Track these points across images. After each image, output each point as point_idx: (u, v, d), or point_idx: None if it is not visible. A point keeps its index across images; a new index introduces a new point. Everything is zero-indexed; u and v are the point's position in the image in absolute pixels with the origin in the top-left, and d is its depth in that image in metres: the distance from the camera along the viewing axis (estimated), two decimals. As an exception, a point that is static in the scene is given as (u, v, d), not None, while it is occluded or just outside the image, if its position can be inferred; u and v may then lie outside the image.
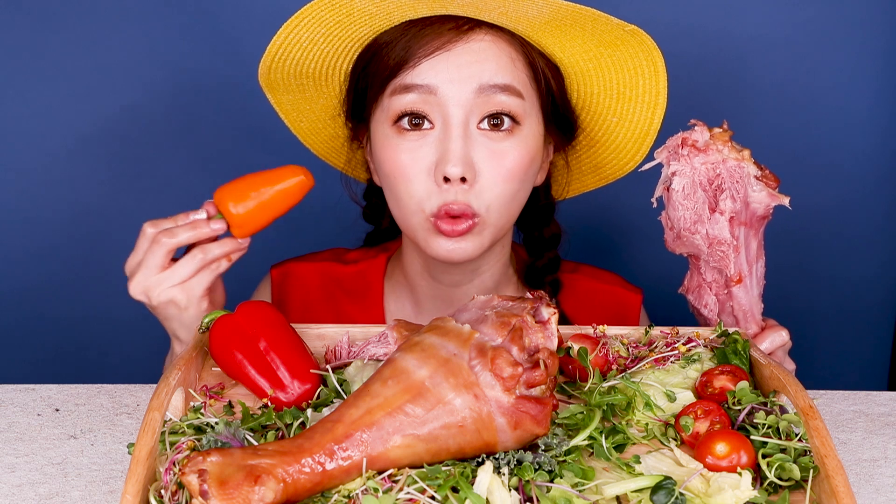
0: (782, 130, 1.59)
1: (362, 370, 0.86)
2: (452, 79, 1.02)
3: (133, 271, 1.03)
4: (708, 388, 0.85)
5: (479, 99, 1.03)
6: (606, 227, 1.63)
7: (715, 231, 1.00)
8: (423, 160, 1.04)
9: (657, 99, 1.09)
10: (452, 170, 1.01)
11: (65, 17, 1.54)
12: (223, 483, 0.65)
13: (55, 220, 1.61)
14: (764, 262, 1.05)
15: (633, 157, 1.16)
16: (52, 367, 1.67)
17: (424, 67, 1.03)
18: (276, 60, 1.08)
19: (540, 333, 0.76)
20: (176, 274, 1.02)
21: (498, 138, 1.04)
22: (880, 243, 1.66)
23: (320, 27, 1.04)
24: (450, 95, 1.02)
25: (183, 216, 1.03)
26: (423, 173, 1.04)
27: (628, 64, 1.07)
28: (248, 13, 1.54)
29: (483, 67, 1.03)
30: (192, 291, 1.02)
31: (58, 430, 0.93)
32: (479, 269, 1.16)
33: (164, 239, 1.01)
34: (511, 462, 0.72)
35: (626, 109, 1.11)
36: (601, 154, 1.18)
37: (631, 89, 1.09)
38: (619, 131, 1.14)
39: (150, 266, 1.01)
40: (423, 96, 1.03)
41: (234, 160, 1.60)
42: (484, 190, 1.04)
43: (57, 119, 1.57)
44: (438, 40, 1.03)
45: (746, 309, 1.04)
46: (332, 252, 1.29)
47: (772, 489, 0.74)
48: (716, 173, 0.99)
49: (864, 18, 1.54)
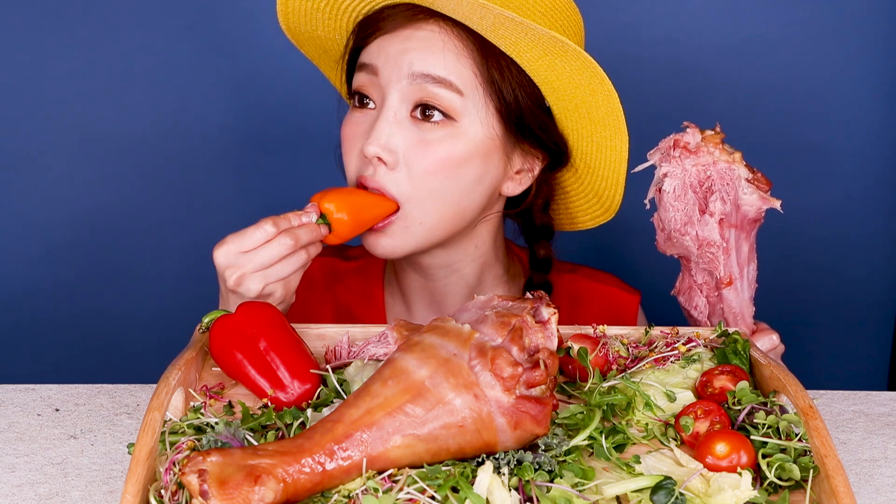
0: (781, 131, 1.59)
1: (362, 370, 0.86)
2: (391, 61, 1.05)
3: (235, 259, 0.99)
4: (708, 388, 0.85)
5: (413, 87, 1.04)
6: (604, 229, 1.64)
7: (704, 233, 1.00)
8: (359, 136, 1.07)
9: (617, 122, 1.06)
10: (369, 148, 1.05)
11: (70, 17, 1.54)
12: (223, 483, 0.65)
13: (56, 221, 1.62)
14: (756, 266, 1.05)
15: (612, 187, 1.13)
16: (52, 367, 1.67)
17: (373, 47, 1.07)
18: (290, 30, 1.14)
19: (540, 333, 0.76)
20: (281, 270, 1.00)
21: (427, 128, 1.05)
22: (880, 243, 1.66)
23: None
24: (387, 77, 1.05)
25: (295, 216, 1.02)
26: (356, 148, 1.08)
27: (580, 80, 1.04)
28: (252, 14, 1.55)
29: (421, 55, 1.04)
30: (289, 286, 1.02)
31: (58, 430, 0.93)
32: (452, 266, 1.17)
33: (287, 240, 0.99)
34: (511, 462, 0.72)
35: (597, 130, 1.08)
36: (588, 181, 1.16)
37: (595, 109, 1.06)
38: (597, 154, 1.11)
39: (265, 258, 0.99)
40: (369, 75, 1.07)
41: (241, 159, 1.60)
42: (405, 178, 1.05)
43: (62, 120, 1.57)
44: (390, 23, 1.06)
45: (737, 311, 1.05)
46: (335, 248, 1.30)
47: (772, 489, 0.74)
48: (706, 175, 0.99)
49: (864, 18, 1.54)
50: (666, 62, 1.38)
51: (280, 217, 1.01)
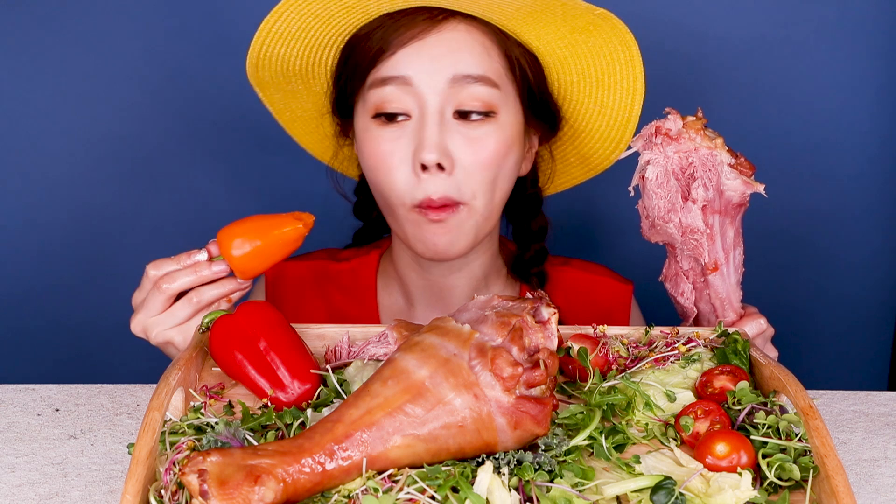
0: (780, 131, 1.59)
1: (362, 370, 0.86)
2: (427, 69, 1.04)
3: (136, 309, 1.04)
4: (708, 388, 0.85)
5: (454, 89, 1.05)
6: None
7: (688, 220, 1.00)
8: (401, 150, 1.06)
9: (635, 84, 1.10)
10: (428, 157, 1.03)
11: (69, 17, 1.54)
12: (223, 483, 0.65)
13: (56, 222, 1.61)
14: (742, 250, 1.04)
15: (616, 146, 1.17)
16: (52, 367, 1.67)
17: (399, 58, 1.05)
18: (262, 57, 1.10)
19: (540, 333, 0.76)
20: (173, 317, 1.02)
21: (472, 126, 1.06)
22: (880, 243, 1.66)
23: (300, 21, 1.06)
24: (425, 86, 1.04)
25: (185, 256, 1.03)
26: (402, 164, 1.06)
27: (603, 50, 1.08)
28: (249, 12, 1.55)
29: (457, 58, 1.05)
30: (188, 333, 1.02)
31: (58, 430, 0.93)
32: (467, 260, 1.18)
33: (164, 285, 1.01)
34: (511, 462, 0.72)
35: (606, 97, 1.12)
36: (585, 144, 1.19)
37: (609, 76, 1.10)
38: (601, 119, 1.15)
39: (150, 308, 1.02)
40: (399, 87, 1.05)
41: (238, 160, 1.60)
42: (464, 179, 1.06)
43: (59, 121, 1.57)
44: (412, 31, 1.04)
45: (723, 297, 1.04)
46: (325, 251, 1.31)
47: (772, 489, 0.74)
48: (688, 162, 0.98)
49: (864, 18, 1.54)
50: (665, 62, 1.37)
51: (164, 261, 1.03)
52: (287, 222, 1.04)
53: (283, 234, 1.03)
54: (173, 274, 1.01)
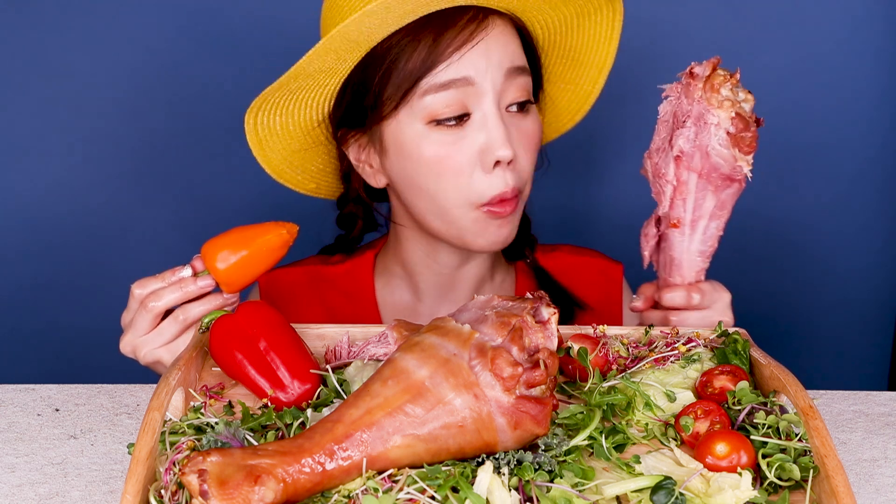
0: (780, 131, 1.59)
1: (362, 370, 0.86)
2: (485, 67, 1.06)
3: (125, 329, 1.04)
4: (708, 388, 0.85)
5: (507, 83, 1.07)
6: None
7: (661, 163, 1.00)
8: (466, 150, 1.06)
9: (615, 10, 1.14)
10: (504, 153, 1.05)
11: (68, 18, 1.54)
12: (223, 483, 0.65)
13: (56, 222, 1.62)
14: (721, 226, 1.03)
15: (600, 72, 1.21)
16: (52, 367, 1.67)
17: (458, 61, 1.05)
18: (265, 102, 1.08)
19: (540, 333, 0.76)
20: (161, 336, 1.02)
21: (520, 117, 1.09)
22: (881, 243, 1.66)
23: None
24: (487, 83, 1.06)
25: (170, 273, 1.03)
26: (469, 164, 1.07)
27: (588, 8, 1.14)
28: (249, 12, 1.55)
29: (503, 52, 1.07)
30: (177, 351, 1.02)
31: (58, 430, 0.93)
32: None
33: (150, 304, 1.01)
34: (511, 462, 0.72)
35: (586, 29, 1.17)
36: (570, 72, 1.22)
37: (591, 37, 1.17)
38: (582, 50, 1.19)
39: (138, 328, 1.02)
40: (460, 89, 1.05)
41: (236, 161, 1.60)
42: (521, 169, 1.09)
43: (58, 121, 1.57)
44: (463, 33, 1.05)
45: (676, 258, 1.04)
46: (316, 257, 1.31)
47: (772, 489, 0.74)
48: (686, 109, 0.98)
49: (864, 18, 1.54)
50: (665, 62, 1.37)
51: (149, 280, 1.02)
52: (270, 230, 1.04)
53: (268, 241, 1.03)
54: (159, 292, 1.01)
